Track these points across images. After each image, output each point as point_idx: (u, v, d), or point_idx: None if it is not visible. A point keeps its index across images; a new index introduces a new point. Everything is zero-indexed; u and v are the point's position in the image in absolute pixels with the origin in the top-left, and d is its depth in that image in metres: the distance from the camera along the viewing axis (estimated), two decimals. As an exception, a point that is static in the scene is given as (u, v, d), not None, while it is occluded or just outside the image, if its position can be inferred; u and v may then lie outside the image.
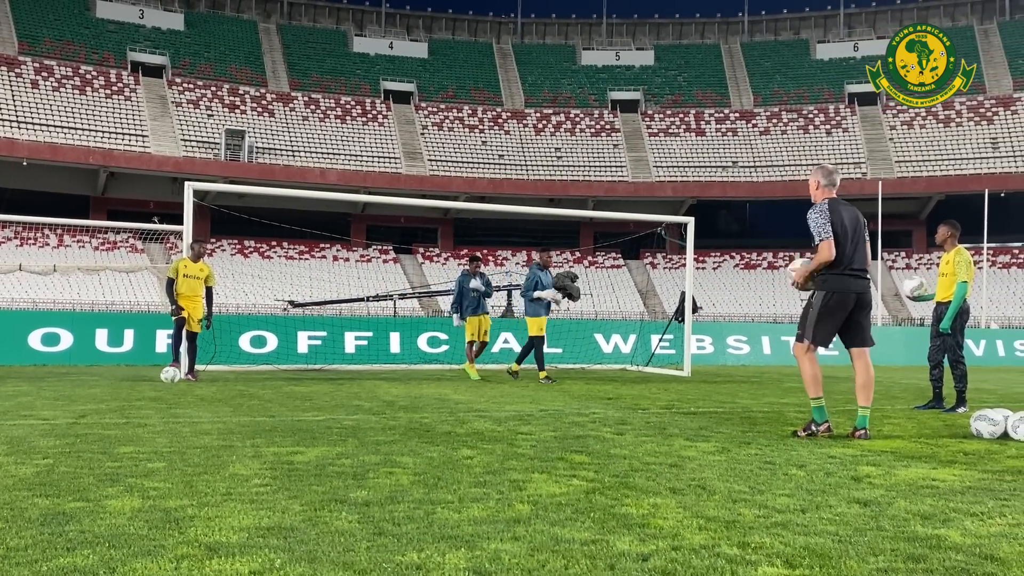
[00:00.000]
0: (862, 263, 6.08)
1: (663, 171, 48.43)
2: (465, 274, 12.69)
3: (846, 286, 5.99)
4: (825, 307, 6.02)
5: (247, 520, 3.30)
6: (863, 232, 6.17)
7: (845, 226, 6.03)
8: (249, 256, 43.36)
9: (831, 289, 6.01)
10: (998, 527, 3.40)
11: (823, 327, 6.05)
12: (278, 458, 4.81)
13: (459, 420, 6.86)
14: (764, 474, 4.55)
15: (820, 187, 6.24)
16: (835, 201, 6.15)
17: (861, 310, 6.12)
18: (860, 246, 6.10)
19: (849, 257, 6.01)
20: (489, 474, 4.38)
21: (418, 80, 51.97)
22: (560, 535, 3.14)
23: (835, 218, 6.01)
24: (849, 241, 6.02)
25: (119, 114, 43.95)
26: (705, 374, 14.36)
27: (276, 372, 12.97)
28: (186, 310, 11.04)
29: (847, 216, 6.10)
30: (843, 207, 6.14)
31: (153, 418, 6.73)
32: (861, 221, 6.21)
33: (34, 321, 15.12)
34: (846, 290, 6.00)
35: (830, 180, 6.23)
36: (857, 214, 6.23)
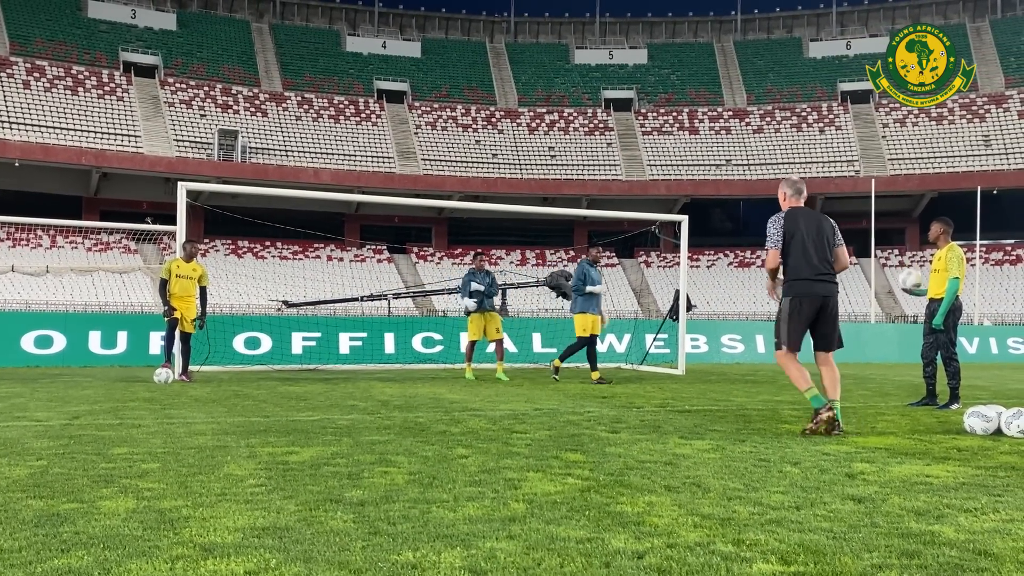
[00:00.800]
0: (825, 266, 6.29)
1: (657, 170, 48.48)
2: (472, 272, 12.51)
3: (810, 290, 6.24)
4: (792, 312, 6.28)
5: (242, 520, 3.30)
6: (829, 237, 6.38)
7: (802, 233, 6.28)
8: (243, 256, 43.28)
9: (795, 294, 6.27)
10: (991, 523, 3.41)
11: (794, 330, 6.30)
12: (273, 458, 4.81)
13: (454, 419, 6.86)
14: (758, 472, 4.56)
15: (787, 198, 6.54)
16: (795, 210, 6.44)
17: (826, 314, 6.32)
18: (822, 251, 6.30)
19: (808, 263, 6.25)
20: (484, 473, 4.39)
21: (411, 79, 51.93)
22: (555, 533, 3.15)
23: (790, 227, 6.30)
24: (806, 248, 6.26)
25: (111, 114, 43.82)
26: (699, 372, 14.38)
27: (270, 372, 12.95)
28: (179, 311, 11.00)
29: (807, 224, 6.35)
30: (804, 215, 6.39)
31: (147, 419, 6.71)
32: (826, 228, 6.42)
33: (27, 323, 15.08)
34: (810, 294, 6.24)
35: (796, 190, 6.53)
36: (821, 221, 6.46)
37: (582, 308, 11.63)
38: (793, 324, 6.27)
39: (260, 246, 44.23)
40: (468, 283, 12.32)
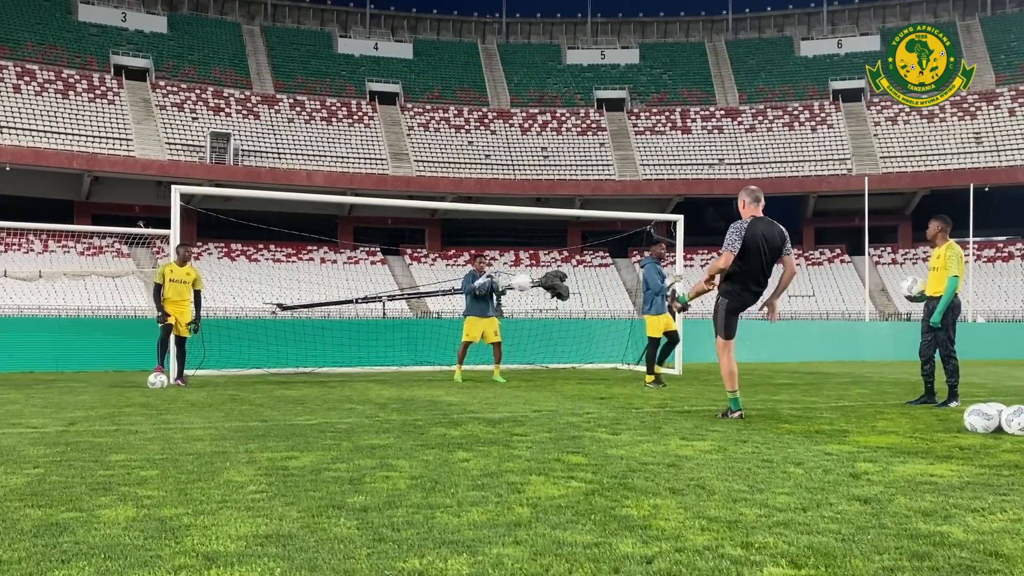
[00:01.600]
0: (762, 281, 7.07)
1: (650, 169, 48.51)
2: (472, 274, 12.40)
3: (743, 302, 7.08)
4: (728, 310, 7.07)
5: (244, 528, 3.26)
6: (778, 248, 6.99)
7: (757, 245, 6.86)
8: (236, 259, 43.16)
9: (731, 299, 7.06)
10: (1000, 523, 3.39)
11: (730, 325, 7.12)
12: (272, 463, 4.76)
13: (453, 422, 6.82)
14: (762, 472, 4.54)
15: (746, 206, 7.09)
16: (757, 222, 6.96)
17: None
18: (768, 267, 6.99)
19: (753, 277, 6.97)
20: (487, 477, 4.35)
21: (403, 81, 51.86)
22: (562, 538, 3.12)
23: (749, 239, 6.85)
24: (760, 260, 6.91)
25: (103, 118, 43.65)
26: (696, 372, 14.37)
27: (266, 376, 12.89)
28: (173, 315, 10.94)
29: (763, 235, 6.90)
30: (763, 226, 6.95)
31: (144, 424, 6.66)
32: (778, 240, 6.99)
33: (20, 328, 14.98)
34: (743, 304, 7.11)
35: (755, 198, 7.09)
36: (775, 233, 7.00)
37: (658, 310, 11.30)
38: (729, 321, 7.10)
39: (253, 249, 44.11)
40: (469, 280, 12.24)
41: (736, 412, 7.10)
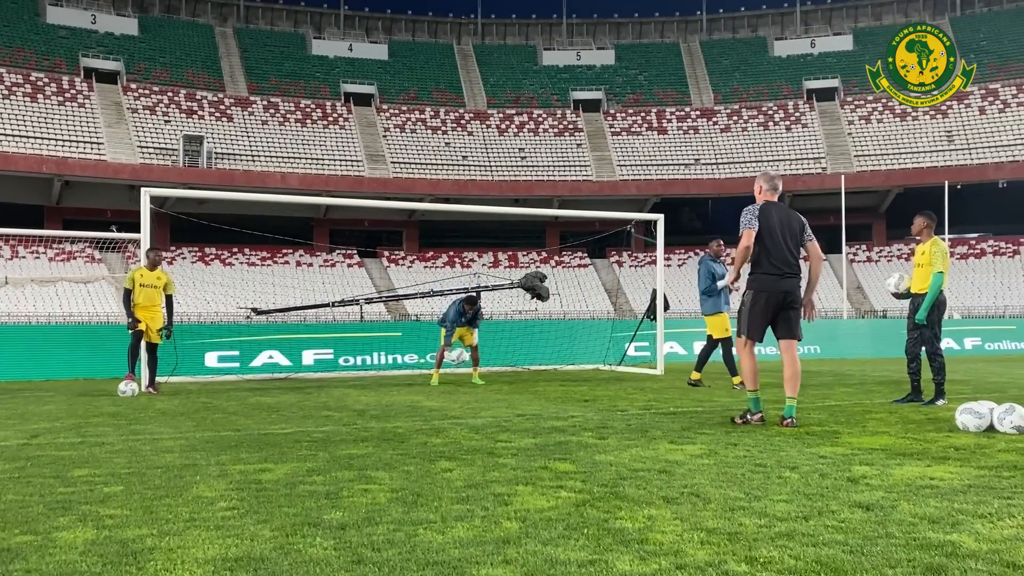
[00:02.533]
0: (789, 262, 6.50)
1: (627, 170, 48.48)
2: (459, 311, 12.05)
3: (773, 286, 6.46)
4: (755, 305, 6.51)
5: (212, 550, 3.03)
6: (798, 233, 6.59)
7: (773, 227, 6.47)
8: (210, 264, 42.59)
9: (759, 289, 6.50)
10: (1010, 529, 3.24)
11: (755, 322, 6.54)
12: (245, 477, 4.53)
13: (434, 429, 6.61)
14: (757, 478, 4.37)
15: (763, 191, 6.76)
16: (770, 204, 6.64)
17: (789, 307, 6.57)
18: (791, 247, 6.52)
19: (776, 259, 6.46)
20: (471, 488, 4.15)
21: (379, 82, 51.47)
22: (554, 556, 2.92)
23: (763, 219, 6.49)
24: (776, 243, 6.46)
25: (73, 121, 42.92)
26: (677, 372, 14.23)
27: (241, 383, 12.59)
28: (144, 321, 10.63)
29: (779, 218, 6.55)
30: (777, 210, 6.61)
31: (111, 436, 6.39)
32: (796, 224, 6.62)
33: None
34: (773, 289, 6.46)
35: (772, 185, 6.77)
36: (792, 218, 6.65)
37: (714, 308, 10.89)
38: (754, 316, 6.51)
39: (228, 253, 43.55)
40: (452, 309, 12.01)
41: (756, 414, 6.66)
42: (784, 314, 6.55)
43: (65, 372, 13.87)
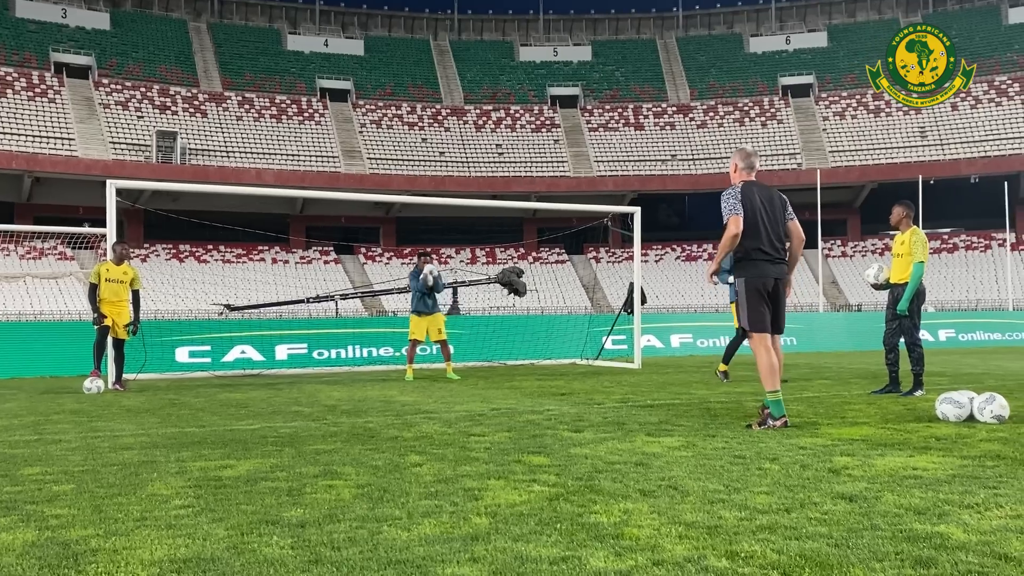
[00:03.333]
0: (776, 246, 6.00)
1: (604, 165, 48.43)
2: (415, 271, 12.17)
3: (763, 271, 5.94)
4: (749, 293, 5.94)
5: (160, 551, 2.84)
6: (781, 213, 6.09)
7: (757, 208, 5.94)
8: (184, 260, 42.05)
9: (749, 275, 5.96)
10: (999, 520, 3.12)
11: (755, 312, 5.93)
12: (205, 473, 4.34)
13: (406, 423, 6.43)
14: (736, 470, 4.24)
15: (738, 170, 6.19)
16: (750, 184, 6.09)
17: (775, 296, 6.02)
18: (776, 229, 6.02)
19: (761, 240, 5.93)
20: (440, 483, 3.98)
21: (355, 78, 51.05)
22: (525, 553, 2.76)
23: (746, 201, 5.93)
24: (760, 226, 5.93)
25: (43, 117, 42.19)
26: (654, 366, 14.14)
27: (211, 379, 12.34)
28: (110, 317, 10.36)
29: (761, 198, 6.02)
30: (758, 189, 6.07)
31: (70, 433, 6.15)
32: (778, 203, 6.11)
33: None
34: (763, 275, 5.94)
35: (748, 163, 6.18)
36: (774, 196, 6.15)
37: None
38: (754, 306, 5.92)
39: (202, 250, 43.02)
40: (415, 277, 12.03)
41: (779, 419, 5.76)
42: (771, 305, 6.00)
43: (31, 370, 13.54)
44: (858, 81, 51.38)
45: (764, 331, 5.93)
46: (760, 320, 5.93)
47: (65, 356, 13.82)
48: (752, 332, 5.96)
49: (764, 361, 5.87)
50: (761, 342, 5.92)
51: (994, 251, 45.67)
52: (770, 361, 5.85)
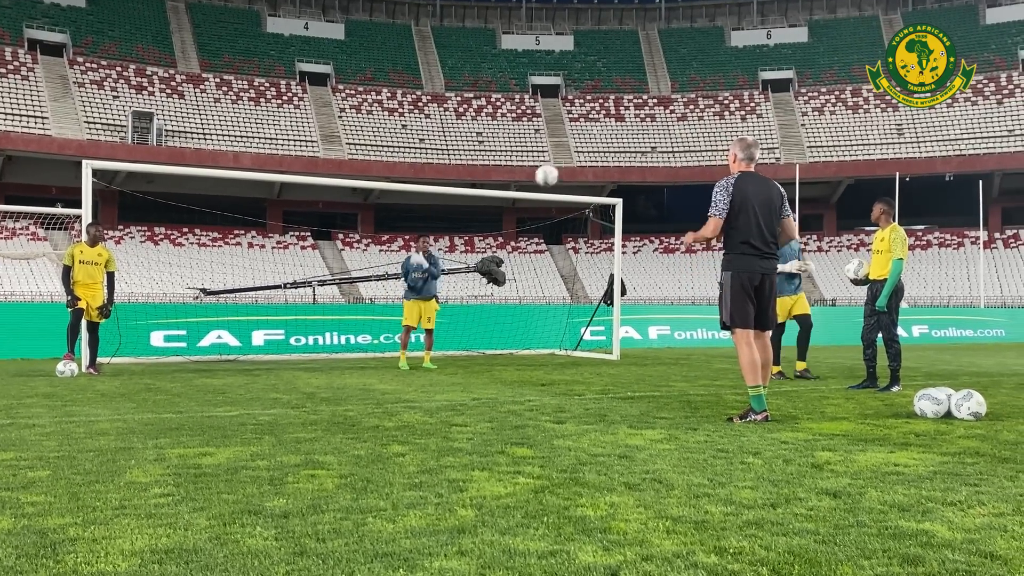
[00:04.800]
0: (767, 241, 5.91)
1: (584, 156, 48.42)
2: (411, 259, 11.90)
3: (751, 266, 5.87)
4: (734, 288, 5.87)
5: (141, 541, 2.79)
6: (777, 208, 5.99)
7: (749, 202, 5.84)
8: (159, 243, 41.59)
9: (736, 270, 5.89)
10: (982, 518, 3.14)
11: (739, 307, 5.87)
12: (184, 461, 4.28)
13: (387, 412, 6.39)
14: (720, 463, 4.24)
15: (737, 160, 6.10)
16: (746, 176, 5.98)
17: (764, 292, 5.97)
18: (769, 224, 5.92)
19: (753, 238, 5.86)
20: (424, 473, 3.95)
21: (335, 62, 50.60)
22: (512, 547, 2.74)
23: (739, 195, 5.84)
24: (753, 221, 5.85)
25: (16, 94, 41.45)
26: (634, 357, 14.18)
27: (187, 364, 12.21)
28: (84, 299, 10.21)
29: (756, 191, 5.91)
30: (753, 182, 5.96)
31: (44, 417, 6.05)
32: (775, 197, 6.01)
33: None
34: (751, 270, 5.88)
35: (748, 154, 6.09)
36: (771, 190, 6.03)
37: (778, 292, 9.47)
38: (738, 301, 5.86)
39: (177, 232, 42.57)
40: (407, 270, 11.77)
41: (760, 413, 5.79)
42: (758, 299, 5.93)
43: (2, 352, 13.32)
44: (837, 77, 51.72)
45: (746, 327, 5.88)
46: (743, 316, 5.87)
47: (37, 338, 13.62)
48: (734, 328, 5.90)
49: (746, 357, 5.85)
50: (743, 338, 5.87)
51: (967, 249, 46.25)
52: (752, 357, 5.82)
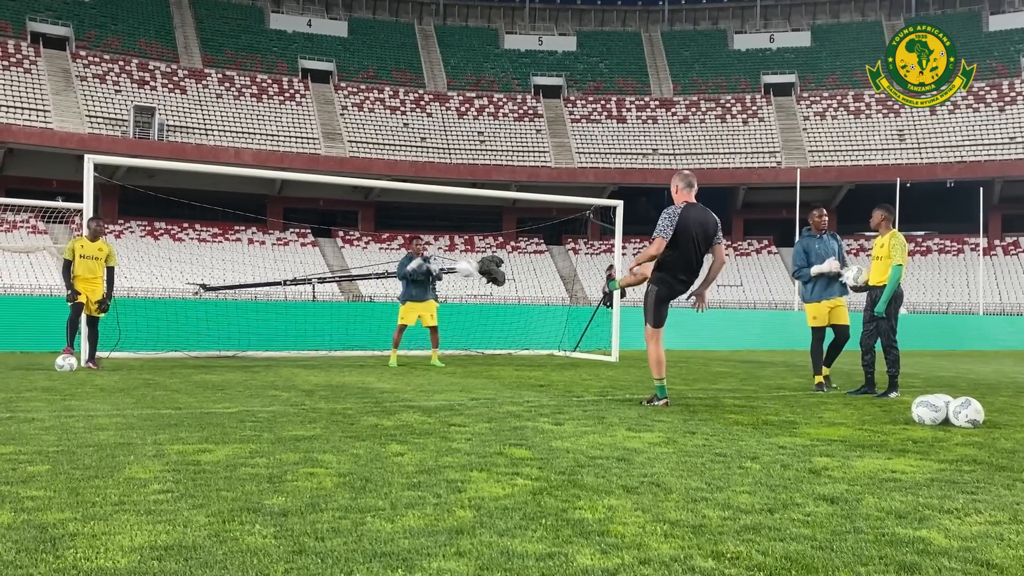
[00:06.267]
0: (693, 269, 6.99)
1: (585, 157, 48.44)
2: (407, 257, 12.07)
3: (674, 289, 7.05)
4: (657, 298, 7.02)
5: (141, 538, 2.80)
6: (711, 236, 6.95)
7: (692, 232, 6.81)
8: (159, 238, 41.59)
9: (660, 288, 7.02)
10: (979, 526, 3.15)
11: (659, 314, 7.07)
12: (183, 457, 4.28)
13: (385, 411, 6.39)
14: (718, 468, 4.25)
15: (679, 191, 7.00)
16: (690, 208, 6.87)
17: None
18: (699, 255, 6.95)
19: (686, 264, 6.91)
20: (423, 473, 3.96)
21: (338, 59, 50.60)
22: (511, 548, 2.75)
23: (682, 224, 6.77)
24: (692, 247, 6.85)
25: (18, 87, 41.44)
26: (631, 359, 14.18)
27: (186, 359, 12.21)
28: (84, 293, 10.22)
29: (696, 222, 6.84)
30: (696, 212, 6.88)
31: (43, 411, 6.06)
32: (711, 228, 6.96)
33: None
34: (674, 291, 7.09)
35: (687, 183, 7.00)
36: (708, 221, 6.95)
37: (814, 296, 9.01)
38: (659, 310, 7.05)
39: (178, 228, 42.56)
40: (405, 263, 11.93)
41: (662, 400, 7.06)
42: None
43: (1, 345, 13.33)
44: (839, 82, 51.73)
45: (659, 327, 7.06)
46: (661, 319, 7.07)
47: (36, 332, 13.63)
48: (650, 326, 7.06)
49: (653, 354, 7.07)
50: (654, 336, 7.06)
51: (967, 255, 46.26)
52: (658, 355, 7.04)
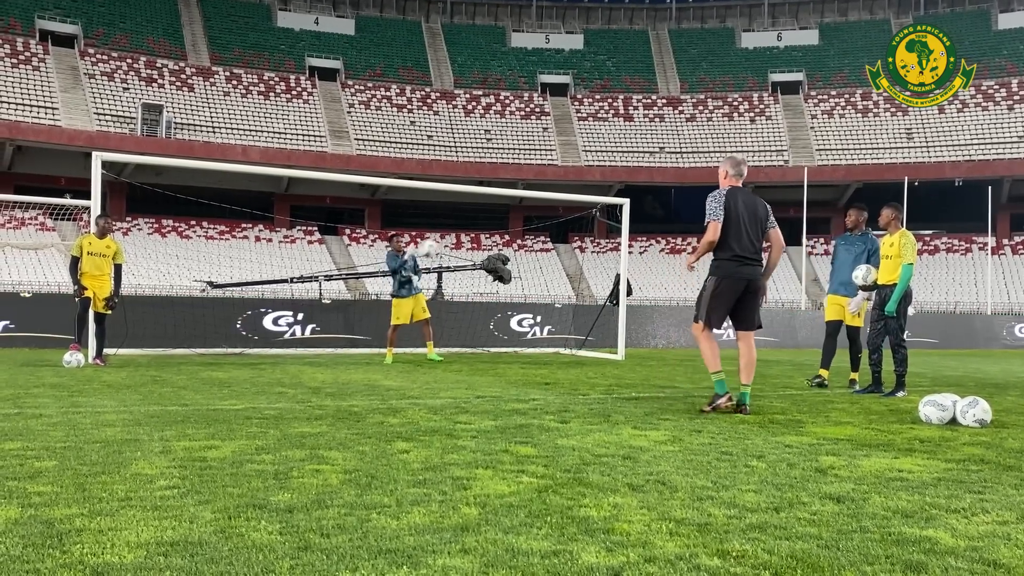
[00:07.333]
0: (754, 250, 6.47)
1: (592, 155, 48.38)
2: (390, 255, 12.23)
3: (735, 272, 6.40)
4: (716, 291, 6.43)
5: (147, 533, 2.81)
6: (763, 220, 6.56)
7: (740, 214, 6.40)
8: (167, 236, 41.70)
9: (721, 275, 6.43)
10: (986, 526, 3.14)
11: (715, 309, 6.46)
12: (189, 454, 4.29)
13: (391, 409, 6.40)
14: (724, 466, 4.25)
15: (728, 176, 6.66)
16: (736, 190, 6.54)
17: (750, 295, 6.52)
18: (755, 234, 6.48)
19: (739, 245, 6.39)
20: (428, 471, 3.96)
21: (345, 57, 50.64)
22: (516, 545, 2.75)
23: (730, 205, 6.40)
24: (740, 230, 6.40)
25: (26, 85, 41.58)
26: (638, 357, 14.18)
27: (193, 356, 12.25)
28: (91, 290, 10.25)
29: (745, 204, 6.48)
30: (743, 195, 6.53)
31: (51, 407, 6.08)
32: (761, 211, 6.58)
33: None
34: (735, 276, 6.40)
35: (737, 171, 6.66)
36: (757, 204, 6.60)
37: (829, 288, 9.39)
38: (715, 303, 6.44)
39: (185, 225, 42.66)
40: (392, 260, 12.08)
41: (723, 396, 6.48)
42: (744, 303, 6.51)
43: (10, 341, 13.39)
44: (847, 80, 51.55)
45: (711, 327, 6.49)
46: (715, 315, 6.47)
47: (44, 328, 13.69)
48: (703, 323, 6.49)
49: (706, 349, 6.59)
50: (704, 331, 6.52)
51: (975, 255, 46.09)
52: (711, 348, 6.54)
